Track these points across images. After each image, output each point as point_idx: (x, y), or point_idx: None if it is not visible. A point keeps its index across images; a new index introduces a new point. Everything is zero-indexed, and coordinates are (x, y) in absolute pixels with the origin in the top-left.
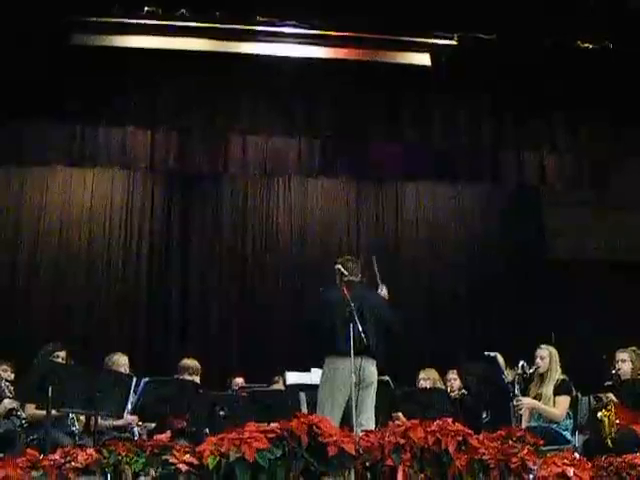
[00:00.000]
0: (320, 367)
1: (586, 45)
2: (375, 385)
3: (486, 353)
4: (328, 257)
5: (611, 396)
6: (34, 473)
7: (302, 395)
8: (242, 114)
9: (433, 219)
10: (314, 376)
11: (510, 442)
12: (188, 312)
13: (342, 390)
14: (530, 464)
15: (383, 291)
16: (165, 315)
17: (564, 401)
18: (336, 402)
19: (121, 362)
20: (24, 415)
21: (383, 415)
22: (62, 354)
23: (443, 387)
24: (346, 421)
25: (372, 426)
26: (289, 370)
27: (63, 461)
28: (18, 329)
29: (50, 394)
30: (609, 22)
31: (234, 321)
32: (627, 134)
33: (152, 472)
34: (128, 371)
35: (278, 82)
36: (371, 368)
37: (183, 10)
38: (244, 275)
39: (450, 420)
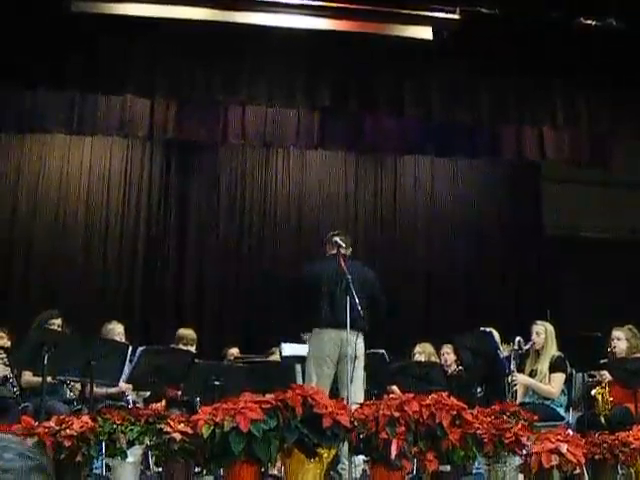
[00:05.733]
0: None
1: (589, 22)
2: (363, 357)
3: (482, 328)
4: (325, 229)
5: (606, 374)
6: (29, 440)
7: (298, 367)
8: (241, 84)
9: (431, 194)
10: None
11: (504, 417)
12: (185, 281)
13: (328, 362)
14: (524, 440)
15: None
16: (162, 284)
17: (559, 378)
18: (323, 374)
19: (117, 330)
20: (16, 383)
21: (378, 388)
22: (58, 322)
23: (438, 361)
24: (335, 395)
25: (362, 397)
26: (285, 342)
27: (58, 428)
28: (14, 297)
29: (46, 361)
30: None
31: (231, 291)
32: (629, 108)
33: (147, 440)
34: (124, 340)
35: (278, 53)
36: (360, 342)
37: None
38: (241, 245)
39: (445, 394)
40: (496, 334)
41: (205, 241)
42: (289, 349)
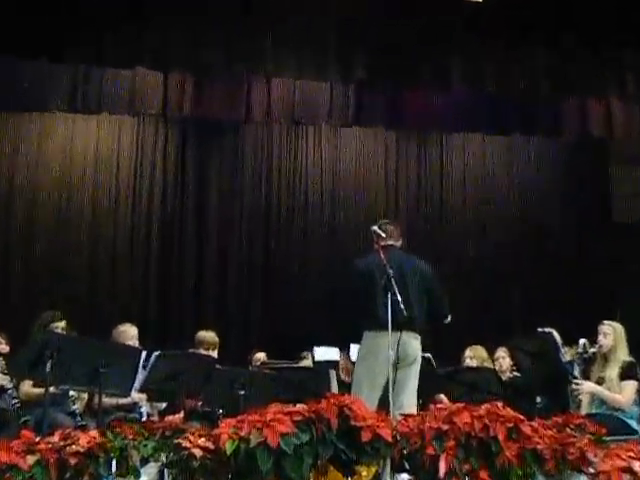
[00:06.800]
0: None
1: None
2: (419, 364)
3: (541, 329)
4: (362, 219)
5: None
6: (30, 458)
7: (333, 373)
8: (266, 54)
9: (482, 177)
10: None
11: (568, 430)
12: (204, 279)
13: (383, 369)
14: (590, 456)
15: None
16: (179, 282)
17: (631, 386)
18: (376, 382)
19: (130, 334)
20: (16, 393)
21: (424, 397)
22: (61, 324)
23: (492, 366)
24: (385, 403)
25: (414, 409)
26: (318, 345)
27: (63, 444)
28: (14, 296)
29: (48, 369)
30: None
31: (256, 290)
32: None
33: (163, 457)
34: (137, 344)
35: (307, 19)
36: (414, 343)
37: None
38: (267, 238)
39: (500, 404)
40: (557, 335)
41: (227, 231)
42: (322, 353)
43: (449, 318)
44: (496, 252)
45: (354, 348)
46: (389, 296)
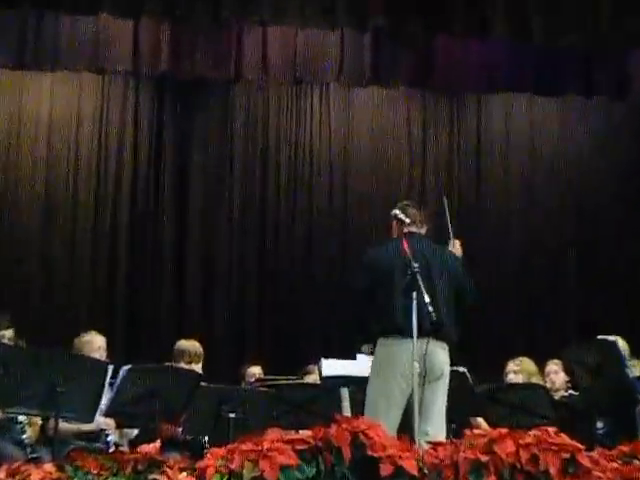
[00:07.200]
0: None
1: None
2: (447, 379)
3: (602, 337)
4: (379, 201)
5: None
6: None
7: (344, 391)
8: None
9: (528, 147)
10: (361, 365)
11: (636, 462)
12: (186, 277)
13: (402, 385)
14: None
15: (456, 246)
16: (154, 281)
17: None
18: (393, 401)
19: (96, 344)
20: None
21: (458, 421)
22: (8, 333)
23: (542, 383)
24: (406, 428)
25: (442, 436)
26: (326, 357)
27: None
28: None
29: None
30: None
31: (250, 289)
32: None
33: None
34: (104, 357)
35: None
36: (441, 355)
37: None
38: (264, 223)
39: (552, 429)
40: (622, 344)
41: (214, 215)
42: (331, 367)
43: (475, 296)
44: (544, 240)
45: (362, 359)
46: (414, 296)
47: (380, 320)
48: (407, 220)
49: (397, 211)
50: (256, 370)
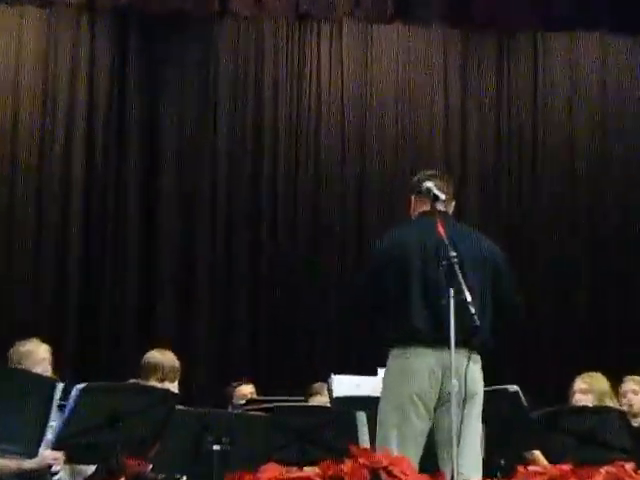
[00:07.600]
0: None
1: None
2: (481, 399)
3: None
4: (406, 169)
5: None
6: None
7: (361, 416)
8: None
9: (599, 101)
10: (380, 382)
11: None
12: (157, 272)
13: (421, 406)
14: None
15: None
16: (118, 273)
17: None
18: (412, 428)
19: (39, 355)
20: None
21: (507, 454)
22: None
23: (617, 405)
24: (430, 461)
25: (478, 476)
26: (337, 373)
27: None
28: None
29: None
30: None
31: (241, 292)
32: None
33: None
34: (50, 372)
35: None
36: (473, 370)
37: None
38: (259, 201)
39: (629, 466)
40: None
41: (192, 191)
42: (344, 385)
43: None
44: (616, 219)
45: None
46: (451, 293)
47: (395, 325)
48: (442, 196)
49: (429, 183)
50: (247, 389)
